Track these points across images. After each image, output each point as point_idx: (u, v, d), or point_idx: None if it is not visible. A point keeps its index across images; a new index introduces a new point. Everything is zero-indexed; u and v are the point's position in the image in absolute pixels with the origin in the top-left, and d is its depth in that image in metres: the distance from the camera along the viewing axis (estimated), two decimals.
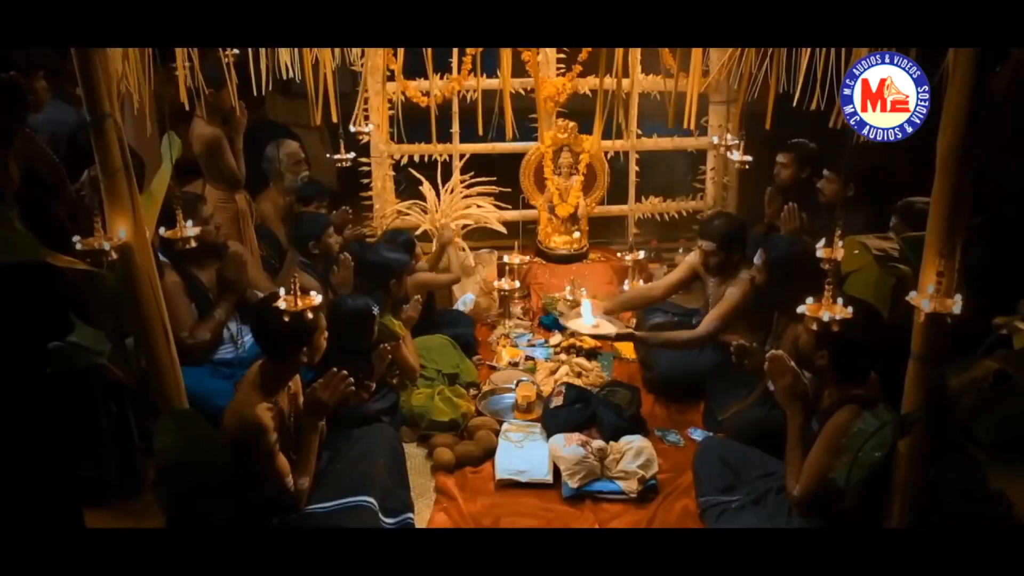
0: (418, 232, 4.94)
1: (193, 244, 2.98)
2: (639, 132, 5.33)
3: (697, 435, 3.76)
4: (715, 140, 5.10)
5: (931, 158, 2.56)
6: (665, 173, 5.62)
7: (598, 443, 3.44)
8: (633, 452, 3.39)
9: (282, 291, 2.66)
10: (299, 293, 2.61)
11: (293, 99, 6.56)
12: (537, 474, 3.42)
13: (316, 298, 2.63)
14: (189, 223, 2.96)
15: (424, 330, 4.32)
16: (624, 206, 5.51)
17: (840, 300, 2.43)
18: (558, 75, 5.14)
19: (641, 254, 5.06)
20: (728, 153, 4.67)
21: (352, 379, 2.99)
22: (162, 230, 2.96)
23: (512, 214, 5.30)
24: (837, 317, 2.36)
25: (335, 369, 2.99)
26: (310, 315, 2.62)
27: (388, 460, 3.25)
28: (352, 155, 4.68)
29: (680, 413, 3.97)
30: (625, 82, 5.18)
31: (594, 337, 3.95)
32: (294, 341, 2.85)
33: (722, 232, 3.86)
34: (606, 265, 5.21)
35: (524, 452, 3.56)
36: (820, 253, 3.00)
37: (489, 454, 3.58)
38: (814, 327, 2.39)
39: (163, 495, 2.74)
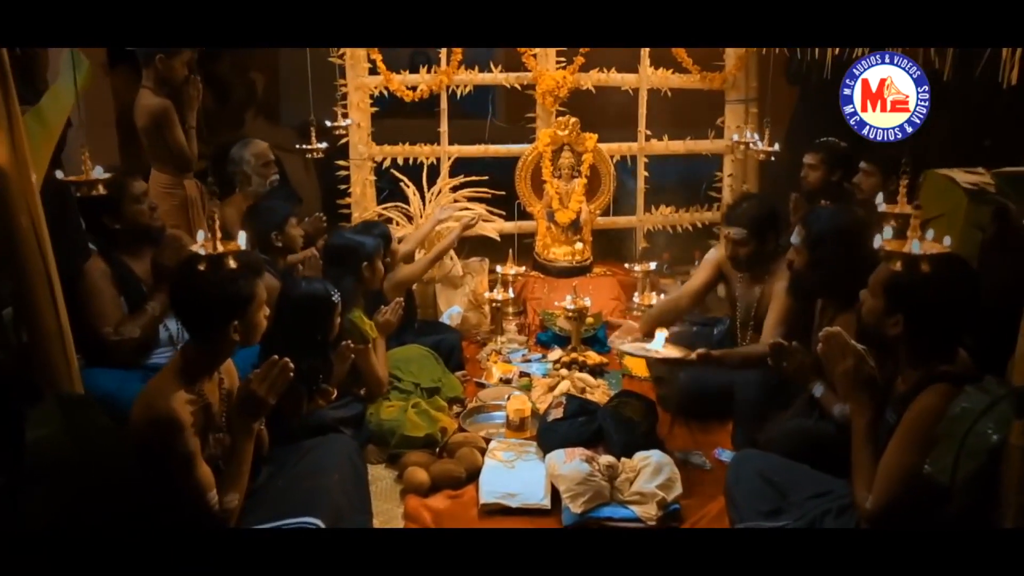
0: (399, 237, 4.36)
1: (102, 191, 2.41)
2: (648, 133, 4.79)
3: (725, 456, 3.11)
4: (735, 137, 4.56)
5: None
6: None
7: (607, 459, 2.79)
8: (651, 470, 2.74)
9: (200, 234, 2.07)
10: (219, 235, 2.01)
11: (275, 124, 6.17)
12: (531, 498, 2.76)
13: (241, 241, 2.03)
14: (99, 169, 2.40)
15: (402, 342, 3.71)
16: (632, 217, 4.94)
17: (931, 233, 1.83)
18: (558, 68, 4.63)
19: (652, 266, 4.49)
20: (751, 144, 4.13)
21: (293, 367, 2.35)
22: (59, 174, 2.41)
23: (508, 225, 4.74)
24: (929, 252, 1.76)
25: (275, 357, 2.36)
26: (232, 264, 2.02)
27: (344, 477, 2.59)
28: (324, 144, 4.16)
29: (703, 433, 3.33)
30: (632, 78, 4.72)
31: (664, 362, 3.20)
32: (219, 308, 2.23)
33: (753, 216, 3.26)
34: (612, 279, 4.61)
35: (515, 472, 2.91)
36: (882, 208, 2.42)
37: (472, 475, 2.93)
38: (898, 266, 1.78)
39: (30, 501, 2.08)
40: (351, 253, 3.30)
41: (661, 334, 3.16)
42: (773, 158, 3.91)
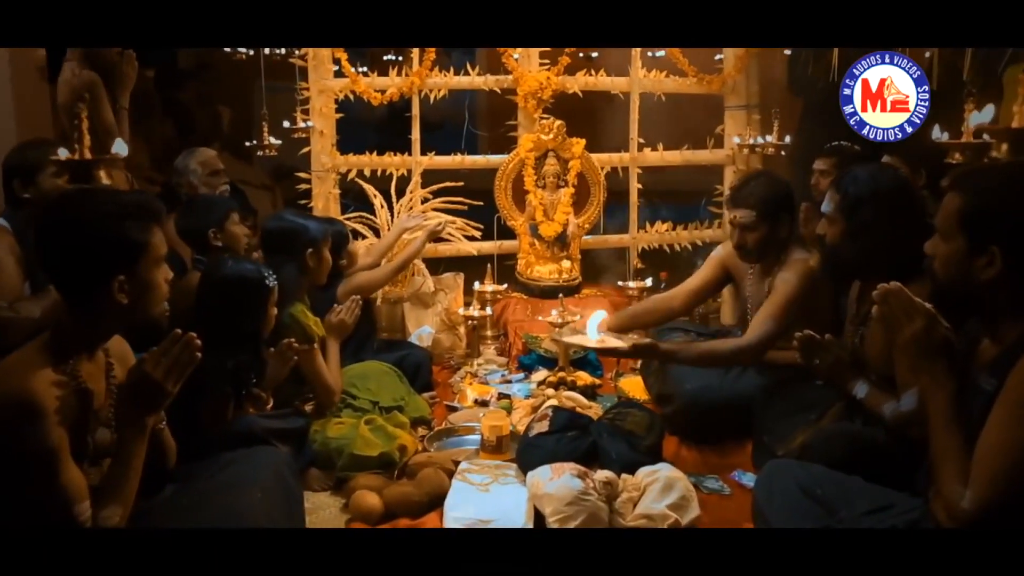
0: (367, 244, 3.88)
1: None
2: (641, 142, 4.36)
3: (747, 480, 2.57)
4: (736, 140, 4.14)
5: None
6: None
7: (604, 474, 2.23)
8: (659, 487, 2.19)
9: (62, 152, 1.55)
10: (89, 141, 1.50)
11: (243, 161, 5.77)
12: (509, 525, 2.19)
13: (119, 149, 1.53)
14: None
15: (360, 360, 3.18)
16: (624, 235, 4.46)
17: None
18: (541, 68, 4.22)
19: (648, 282, 4.00)
20: (757, 147, 3.70)
21: (198, 344, 1.80)
22: None
23: (487, 244, 4.26)
24: None
25: (177, 331, 1.82)
26: (104, 178, 1.51)
27: (269, 495, 2.01)
28: (278, 142, 3.71)
29: (718, 455, 2.79)
30: (623, 81, 4.32)
31: (601, 353, 2.70)
32: (96, 253, 1.70)
33: (763, 195, 2.79)
34: (603, 300, 4.09)
35: (490, 496, 2.34)
36: (942, 138, 1.97)
37: (436, 501, 2.36)
38: (1004, 149, 1.30)
39: None
40: (292, 237, 2.79)
41: (596, 318, 2.68)
42: (783, 152, 3.48)
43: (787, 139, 3.47)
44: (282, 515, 2.05)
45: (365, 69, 4.35)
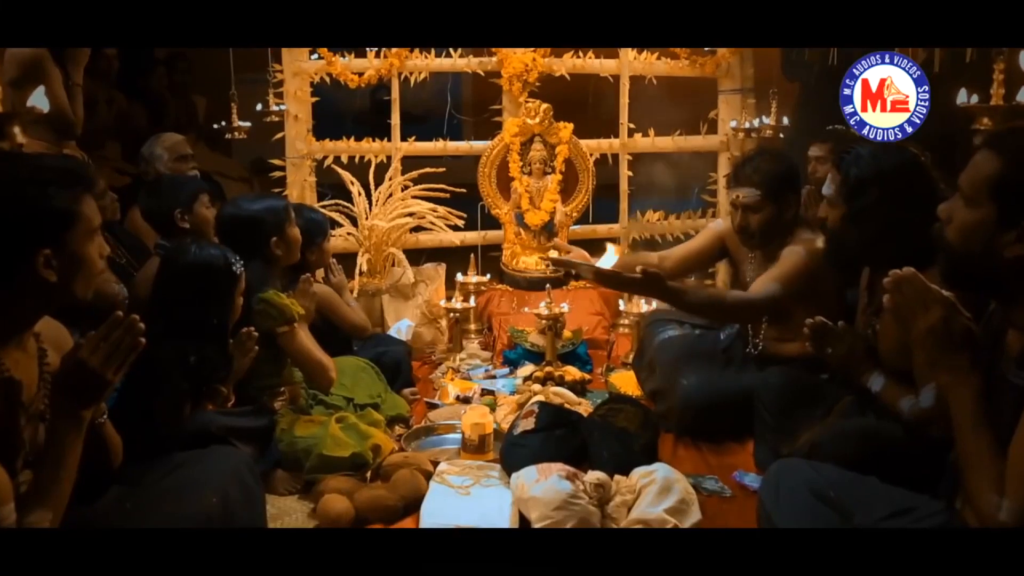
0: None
1: None
2: (631, 127, 4.18)
3: (749, 480, 2.39)
4: (733, 124, 3.96)
5: None
6: None
7: (595, 475, 2.05)
8: (656, 489, 2.00)
9: None
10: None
11: (218, 153, 5.57)
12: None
13: (37, 101, 1.32)
14: None
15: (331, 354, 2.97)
16: (615, 225, 4.28)
17: None
18: (526, 49, 4.03)
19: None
20: (752, 132, 3.53)
21: (141, 328, 1.60)
22: None
23: (471, 234, 4.07)
24: None
25: (118, 313, 1.61)
26: (20, 136, 1.31)
27: (229, 501, 1.83)
28: (248, 124, 3.51)
29: (716, 455, 2.61)
30: (612, 63, 4.14)
31: (603, 279, 2.45)
32: (12, 221, 1.49)
33: (769, 172, 2.62)
34: (593, 292, 3.91)
35: (471, 500, 2.15)
36: (967, 101, 1.80)
37: (412, 505, 2.17)
38: None
39: None
40: (252, 227, 2.57)
41: (611, 249, 2.52)
42: (781, 135, 3.31)
43: (785, 120, 3.31)
44: (241, 521, 1.86)
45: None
